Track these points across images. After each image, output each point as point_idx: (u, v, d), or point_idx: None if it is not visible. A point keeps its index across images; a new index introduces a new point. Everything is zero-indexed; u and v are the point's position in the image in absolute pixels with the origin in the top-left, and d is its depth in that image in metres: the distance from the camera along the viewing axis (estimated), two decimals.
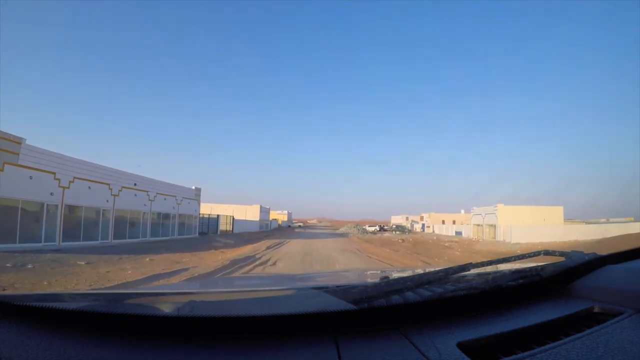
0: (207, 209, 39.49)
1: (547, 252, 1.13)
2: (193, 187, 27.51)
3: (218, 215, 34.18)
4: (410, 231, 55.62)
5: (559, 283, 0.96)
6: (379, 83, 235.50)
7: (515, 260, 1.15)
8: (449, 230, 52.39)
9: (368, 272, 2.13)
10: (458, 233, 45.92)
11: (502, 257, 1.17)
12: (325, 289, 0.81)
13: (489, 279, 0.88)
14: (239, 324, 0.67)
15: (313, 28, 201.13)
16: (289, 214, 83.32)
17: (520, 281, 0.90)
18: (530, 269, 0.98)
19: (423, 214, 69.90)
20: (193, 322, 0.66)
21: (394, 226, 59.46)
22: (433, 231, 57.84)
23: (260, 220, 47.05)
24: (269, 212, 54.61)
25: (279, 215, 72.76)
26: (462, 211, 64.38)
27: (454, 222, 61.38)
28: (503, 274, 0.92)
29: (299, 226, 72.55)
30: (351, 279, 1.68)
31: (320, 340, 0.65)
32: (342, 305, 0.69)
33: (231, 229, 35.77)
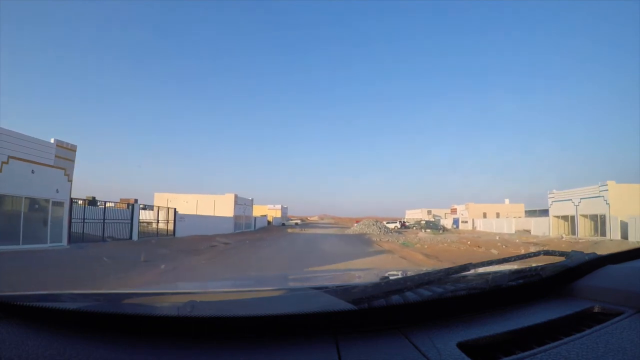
0: (162, 200, 31.18)
1: (547, 252, 1.14)
2: (52, 141, 12.83)
3: (133, 205, 17.40)
4: (444, 228, 40.96)
5: (559, 283, 0.96)
6: (381, 81, 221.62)
7: (515, 260, 1.14)
8: (498, 226, 38.80)
9: (368, 272, 2.14)
10: (514, 231, 33.87)
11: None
12: (325, 289, 0.81)
13: (489, 279, 0.88)
14: (239, 324, 0.67)
15: (313, 25, 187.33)
16: (283, 209, 65.90)
17: (520, 281, 0.90)
18: (530, 269, 0.98)
19: (456, 206, 54.05)
20: (193, 322, 0.66)
21: (423, 222, 43.40)
22: (474, 227, 43.51)
23: (236, 216, 32.45)
24: (251, 206, 39.32)
25: (269, 211, 57.68)
26: (507, 201, 49.69)
27: (497, 215, 46.64)
28: (503, 274, 0.91)
29: (296, 224, 55.04)
30: (351, 279, 1.68)
31: (320, 340, 0.65)
32: (342, 305, 0.69)
33: (172, 230, 21.07)
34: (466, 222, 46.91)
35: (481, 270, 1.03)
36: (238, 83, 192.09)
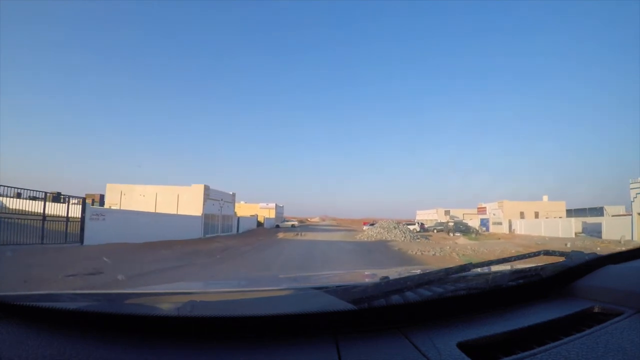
0: (114, 193, 25.62)
1: (547, 252, 1.14)
2: None
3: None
4: (476, 231, 32.74)
5: (559, 283, 0.96)
6: (383, 79, 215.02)
7: (515, 260, 1.15)
8: (550, 228, 30.97)
9: (368, 272, 2.06)
10: (583, 232, 27.70)
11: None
12: (325, 289, 0.81)
13: (489, 279, 0.88)
14: (239, 324, 0.67)
15: (312, 25, 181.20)
16: (278, 209, 55.78)
17: (520, 281, 0.90)
18: (530, 269, 0.97)
19: (484, 204, 44.57)
20: (193, 322, 0.66)
21: (450, 224, 35.48)
22: (512, 229, 35.08)
23: (207, 215, 24.05)
24: (232, 203, 30.72)
25: (261, 211, 48.98)
26: (545, 198, 41.22)
27: (536, 215, 38.32)
28: (503, 274, 0.91)
29: (292, 226, 45.01)
30: (351, 279, 1.65)
31: (320, 340, 0.65)
32: (342, 305, 0.69)
33: (79, 234, 12.95)
34: (499, 223, 38.50)
35: (481, 270, 1.03)
36: (235, 82, 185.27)
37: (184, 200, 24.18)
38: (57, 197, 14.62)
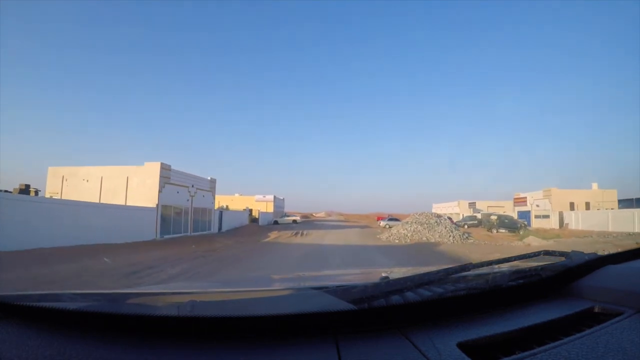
0: (56, 178, 19.06)
1: (547, 252, 1.13)
2: None
3: None
4: (525, 226, 25.93)
5: (559, 283, 0.96)
6: (382, 77, 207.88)
7: (515, 260, 1.14)
8: (619, 221, 24.49)
9: (368, 272, 2.07)
10: None
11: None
12: (325, 289, 0.81)
13: (489, 279, 0.88)
14: (239, 323, 0.67)
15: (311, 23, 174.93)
16: (277, 202, 47.33)
17: (520, 281, 0.89)
18: (530, 269, 0.97)
19: (524, 194, 36.56)
20: (193, 322, 0.66)
21: (493, 217, 27.23)
22: (564, 224, 28.16)
23: (165, 206, 17.51)
24: (211, 191, 23.43)
25: (257, 204, 41.15)
26: (595, 185, 34.37)
27: (587, 206, 31.57)
28: (503, 274, 0.91)
29: (293, 222, 37.43)
30: (351, 279, 1.64)
31: (320, 340, 0.65)
32: (342, 305, 0.69)
33: None
34: (546, 216, 31.55)
35: (481, 270, 1.02)
36: (239, 80, 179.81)
37: (134, 186, 17.40)
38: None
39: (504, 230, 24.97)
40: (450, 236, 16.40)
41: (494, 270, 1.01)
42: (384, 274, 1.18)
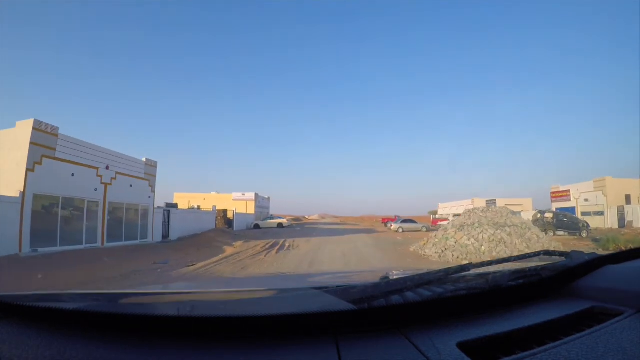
0: None
1: (547, 252, 1.13)
2: None
3: None
4: (587, 226, 19.37)
5: (559, 283, 0.95)
6: (382, 79, 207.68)
7: (515, 260, 1.14)
8: None
9: (368, 272, 2.08)
10: None
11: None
12: (325, 289, 0.81)
13: (489, 279, 0.87)
14: (239, 324, 0.67)
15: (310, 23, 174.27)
16: (260, 200, 38.86)
17: (520, 281, 0.89)
18: (530, 269, 0.97)
19: (565, 187, 30.24)
20: (193, 322, 0.66)
21: (549, 216, 20.14)
22: (626, 221, 22.14)
23: (41, 197, 10.01)
24: (149, 180, 16.05)
25: (235, 203, 33.47)
26: None
27: None
28: (503, 274, 0.91)
29: (279, 226, 30.07)
30: (351, 279, 1.64)
31: (320, 340, 0.66)
32: (342, 305, 0.69)
33: None
34: (599, 212, 25.26)
35: (481, 270, 1.02)
36: (234, 82, 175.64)
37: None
38: None
39: (562, 233, 18.52)
40: (540, 242, 9.67)
41: (494, 270, 1.00)
42: (384, 274, 1.17)
